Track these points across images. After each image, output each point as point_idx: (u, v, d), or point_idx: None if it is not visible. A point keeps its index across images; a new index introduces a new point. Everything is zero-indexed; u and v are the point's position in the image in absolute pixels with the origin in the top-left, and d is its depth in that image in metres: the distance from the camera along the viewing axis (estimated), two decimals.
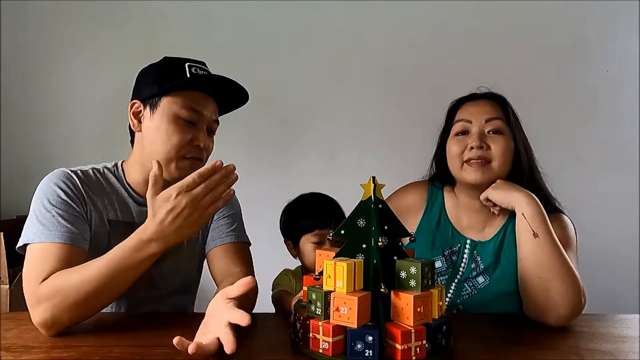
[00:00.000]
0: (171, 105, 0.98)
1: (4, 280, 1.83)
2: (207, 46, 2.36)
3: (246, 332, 0.89)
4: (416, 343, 0.70)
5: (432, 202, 1.22)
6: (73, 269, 0.84)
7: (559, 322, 0.93)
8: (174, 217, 0.79)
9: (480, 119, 1.10)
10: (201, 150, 1.01)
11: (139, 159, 1.03)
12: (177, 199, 0.78)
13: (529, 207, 1.00)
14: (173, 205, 0.78)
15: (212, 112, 1.03)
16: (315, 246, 1.24)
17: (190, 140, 0.99)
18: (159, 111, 0.99)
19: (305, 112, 2.40)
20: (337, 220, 1.29)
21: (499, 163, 1.07)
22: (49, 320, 0.81)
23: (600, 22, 2.31)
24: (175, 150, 0.98)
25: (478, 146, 1.07)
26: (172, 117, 0.98)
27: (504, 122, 1.10)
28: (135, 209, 1.04)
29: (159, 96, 0.99)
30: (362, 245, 0.77)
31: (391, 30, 2.36)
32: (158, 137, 0.98)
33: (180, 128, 0.98)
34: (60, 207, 0.92)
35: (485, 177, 1.07)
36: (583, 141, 2.29)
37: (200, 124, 1.00)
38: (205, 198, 0.79)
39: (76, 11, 2.41)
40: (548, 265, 0.95)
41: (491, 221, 1.15)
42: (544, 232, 0.97)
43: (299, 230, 1.29)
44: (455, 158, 1.11)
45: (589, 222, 2.22)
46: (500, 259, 1.10)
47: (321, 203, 1.33)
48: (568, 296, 0.92)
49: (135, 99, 1.02)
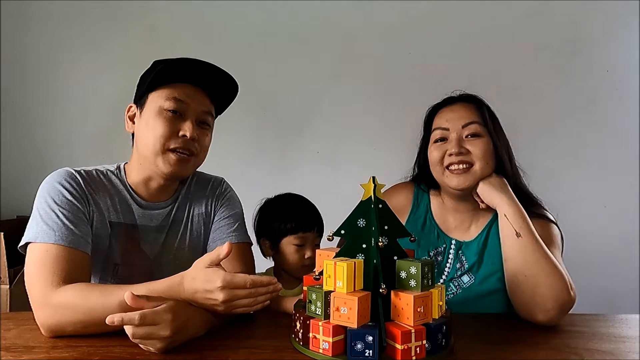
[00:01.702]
0: (157, 99, 0.99)
1: (4, 280, 1.83)
2: (207, 46, 2.37)
3: (250, 319, 0.89)
4: (416, 343, 0.70)
5: (418, 203, 1.23)
6: (95, 288, 0.83)
7: (547, 316, 0.93)
8: (204, 298, 0.79)
9: (457, 125, 1.10)
10: (188, 141, 0.99)
11: (137, 158, 1.04)
12: (218, 289, 0.77)
13: (510, 209, 1.02)
14: (211, 290, 0.78)
15: (200, 103, 1.02)
16: (297, 248, 1.24)
17: (177, 132, 0.98)
18: (146, 108, 1.00)
19: (305, 112, 2.40)
20: (319, 223, 1.29)
21: (481, 165, 1.08)
22: (53, 326, 0.81)
23: (600, 22, 2.30)
24: (160, 142, 0.97)
25: (457, 152, 1.08)
26: (158, 110, 0.98)
27: (481, 125, 1.11)
28: (137, 211, 1.04)
29: (146, 93, 1.00)
30: (362, 245, 0.77)
31: (391, 30, 2.37)
32: (146, 132, 0.99)
33: (165, 120, 0.98)
34: (65, 207, 0.92)
35: (467, 181, 1.08)
36: (583, 141, 2.29)
37: (187, 114, 1.00)
38: (240, 301, 0.80)
39: (76, 12, 2.42)
40: (532, 262, 0.96)
41: (476, 220, 1.16)
42: (526, 231, 0.99)
43: (280, 231, 1.27)
44: (436, 165, 1.12)
45: (589, 222, 2.24)
46: (484, 258, 1.11)
47: (303, 205, 1.31)
48: (554, 290, 0.93)
49: (132, 104, 1.06)
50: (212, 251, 0.82)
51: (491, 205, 1.06)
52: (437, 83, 1.26)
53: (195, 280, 0.80)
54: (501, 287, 1.06)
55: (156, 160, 0.98)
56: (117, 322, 0.69)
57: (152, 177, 1.03)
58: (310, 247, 1.25)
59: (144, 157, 1.01)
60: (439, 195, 1.21)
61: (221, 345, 0.79)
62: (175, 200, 1.09)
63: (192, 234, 1.10)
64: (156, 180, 1.04)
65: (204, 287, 0.79)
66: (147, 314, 0.71)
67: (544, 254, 0.97)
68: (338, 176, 2.31)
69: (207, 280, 0.78)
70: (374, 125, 2.36)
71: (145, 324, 0.71)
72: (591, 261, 2.15)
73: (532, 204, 1.12)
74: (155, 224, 1.05)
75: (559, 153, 2.29)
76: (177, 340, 0.75)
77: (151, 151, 0.98)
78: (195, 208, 1.11)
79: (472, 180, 1.08)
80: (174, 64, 0.99)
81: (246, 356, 0.75)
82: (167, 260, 1.06)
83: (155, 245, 1.05)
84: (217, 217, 1.12)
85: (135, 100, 1.05)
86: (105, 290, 0.82)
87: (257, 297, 0.80)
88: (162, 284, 0.83)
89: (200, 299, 0.80)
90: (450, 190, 1.12)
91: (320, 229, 1.29)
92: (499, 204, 1.04)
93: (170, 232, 1.07)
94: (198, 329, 0.81)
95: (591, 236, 2.20)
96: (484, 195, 1.07)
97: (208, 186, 1.14)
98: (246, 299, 0.80)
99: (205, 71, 1.01)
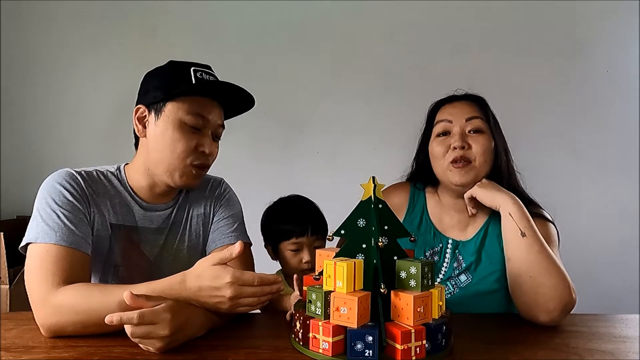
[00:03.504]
0: (176, 111, 0.97)
1: (4, 280, 1.83)
2: (207, 46, 2.37)
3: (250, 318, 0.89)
4: (416, 343, 0.70)
5: (414, 203, 1.23)
6: (95, 288, 0.83)
7: (550, 317, 0.93)
8: (210, 296, 0.79)
9: (461, 119, 1.11)
10: (206, 156, 1.00)
11: (144, 163, 1.02)
12: (227, 284, 0.78)
13: (515, 208, 1.02)
14: (218, 287, 0.78)
15: (217, 117, 1.02)
16: (293, 253, 1.23)
17: (196, 147, 0.98)
18: (163, 117, 0.98)
19: (305, 112, 2.40)
20: (315, 226, 1.27)
21: (480, 162, 1.08)
22: (53, 326, 0.81)
23: (600, 22, 2.31)
24: (181, 158, 0.97)
25: (460, 146, 1.08)
26: (177, 124, 0.97)
27: (484, 121, 1.11)
28: (138, 213, 1.04)
29: (164, 102, 0.98)
30: (362, 245, 0.77)
31: (391, 30, 2.37)
32: (163, 143, 0.97)
33: (186, 134, 0.97)
34: (66, 207, 0.91)
35: (469, 178, 1.08)
36: (583, 141, 2.29)
37: (206, 129, 1.00)
38: (246, 299, 0.80)
39: (77, 13, 2.42)
40: (537, 262, 0.96)
41: (473, 220, 1.16)
42: (531, 231, 0.99)
43: (277, 236, 1.27)
44: (439, 159, 1.12)
45: (589, 222, 2.24)
46: (482, 257, 1.11)
47: (299, 209, 1.29)
48: (558, 291, 0.93)
49: (140, 104, 1.01)
50: (221, 250, 0.82)
51: (492, 207, 1.05)
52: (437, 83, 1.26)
53: (201, 277, 0.80)
54: (499, 286, 1.06)
55: (173, 173, 0.98)
56: (115, 321, 0.69)
57: (158, 184, 1.03)
58: (307, 251, 1.23)
59: (155, 165, 1.00)
60: (435, 193, 1.21)
61: (221, 345, 0.79)
62: (176, 202, 1.09)
63: (191, 235, 1.10)
64: (161, 187, 1.04)
65: (211, 283, 0.79)
66: (146, 313, 0.71)
67: (548, 254, 0.97)
68: (338, 176, 2.31)
69: (215, 277, 0.78)
70: (374, 125, 2.36)
71: (143, 323, 0.71)
72: (591, 261, 2.15)
73: (528, 203, 1.12)
74: (156, 226, 1.05)
75: (559, 153, 2.29)
76: (177, 340, 0.75)
77: (168, 164, 0.98)
78: (194, 209, 1.11)
79: (473, 176, 1.08)
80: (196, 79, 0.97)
81: (246, 356, 0.75)
82: (166, 261, 1.06)
83: (155, 246, 1.05)
84: (217, 217, 1.12)
85: (145, 101, 1.01)
86: (105, 290, 0.82)
87: (261, 296, 0.81)
88: (162, 283, 0.83)
89: (204, 296, 0.80)
90: (452, 187, 1.12)
91: (318, 231, 1.27)
92: (503, 204, 1.03)
93: (170, 234, 1.07)
94: (198, 329, 0.81)
95: (591, 236, 2.21)
96: (483, 198, 1.06)
97: (207, 187, 1.14)
98: (251, 298, 0.80)
99: (229, 91, 1.00)
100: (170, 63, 1.01)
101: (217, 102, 1.02)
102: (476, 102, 1.15)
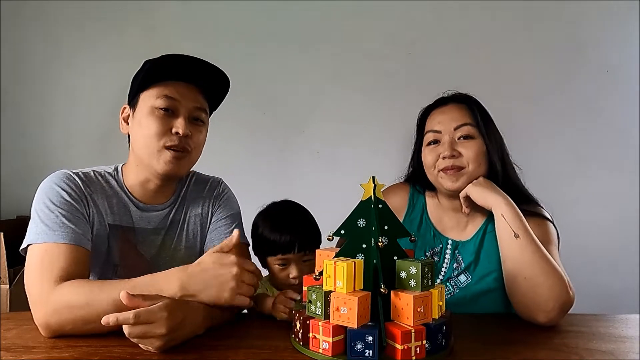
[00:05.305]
0: (148, 99, 0.99)
1: (4, 280, 1.83)
2: (206, 46, 2.36)
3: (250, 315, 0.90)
4: (416, 343, 0.70)
5: (414, 204, 1.23)
6: (92, 284, 0.84)
7: (548, 317, 0.93)
8: (214, 275, 0.83)
9: (449, 127, 1.10)
10: (182, 138, 0.99)
11: (134, 159, 1.03)
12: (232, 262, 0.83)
13: (507, 209, 1.01)
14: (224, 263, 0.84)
15: (192, 100, 1.01)
16: (280, 268, 1.15)
17: (170, 129, 0.98)
18: (138, 108, 1.00)
19: (304, 112, 2.40)
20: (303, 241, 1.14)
21: (473, 167, 1.08)
22: (52, 325, 0.81)
23: (600, 23, 2.31)
24: (154, 141, 0.97)
25: (449, 155, 1.08)
26: (149, 110, 0.98)
27: (473, 126, 1.10)
28: (135, 214, 1.04)
29: (138, 94, 1.00)
30: (362, 245, 0.77)
31: (391, 30, 2.37)
32: (141, 132, 0.99)
33: (158, 118, 0.98)
34: (64, 207, 0.92)
35: (461, 183, 1.08)
36: (583, 141, 2.29)
37: (180, 111, 1.00)
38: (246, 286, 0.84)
39: (75, 12, 2.42)
40: (531, 263, 0.96)
41: (473, 220, 1.16)
42: (524, 232, 0.99)
43: (263, 250, 1.18)
44: (431, 168, 1.13)
45: (589, 221, 2.24)
46: (481, 257, 1.11)
47: (287, 222, 1.16)
48: (554, 291, 0.93)
49: (126, 105, 1.06)
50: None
51: (485, 207, 1.05)
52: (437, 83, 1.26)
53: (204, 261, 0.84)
54: (498, 286, 1.06)
55: (151, 159, 0.98)
56: (112, 322, 0.70)
57: (149, 178, 1.03)
58: (295, 266, 1.14)
59: (139, 158, 1.01)
60: (435, 196, 1.21)
61: (221, 345, 0.79)
62: (174, 202, 1.09)
63: (189, 235, 1.10)
64: (153, 182, 1.04)
65: (217, 260, 0.83)
66: (142, 312, 0.71)
67: (542, 254, 0.97)
68: (338, 176, 2.31)
69: (219, 257, 0.84)
70: (373, 126, 2.36)
71: (140, 323, 0.71)
72: (591, 261, 2.15)
73: (527, 201, 1.12)
74: (153, 226, 1.05)
75: (559, 153, 2.29)
76: (175, 339, 0.76)
77: (145, 151, 0.98)
78: (192, 209, 1.11)
79: (465, 181, 1.08)
80: (163, 62, 0.99)
81: (246, 356, 0.75)
82: (164, 262, 1.06)
83: (153, 246, 1.05)
84: (215, 217, 1.12)
85: (128, 101, 1.04)
86: (102, 285, 0.82)
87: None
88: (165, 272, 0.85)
89: (209, 277, 0.82)
90: (445, 192, 1.13)
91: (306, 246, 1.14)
92: (495, 205, 1.03)
93: (168, 234, 1.08)
94: (197, 327, 0.81)
95: (591, 236, 2.21)
96: (476, 198, 1.06)
97: (206, 187, 1.14)
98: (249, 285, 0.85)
99: (194, 67, 1.01)
100: (146, 60, 1.02)
101: (193, 85, 1.02)
102: (465, 105, 1.13)
